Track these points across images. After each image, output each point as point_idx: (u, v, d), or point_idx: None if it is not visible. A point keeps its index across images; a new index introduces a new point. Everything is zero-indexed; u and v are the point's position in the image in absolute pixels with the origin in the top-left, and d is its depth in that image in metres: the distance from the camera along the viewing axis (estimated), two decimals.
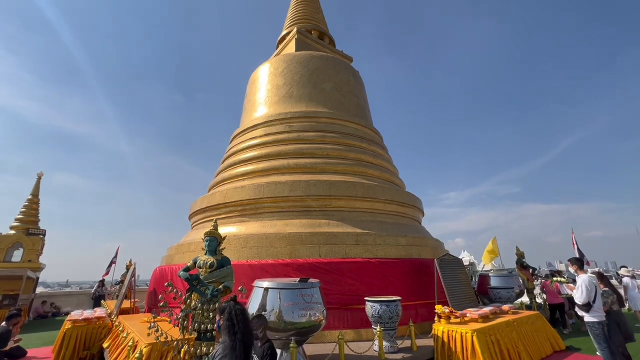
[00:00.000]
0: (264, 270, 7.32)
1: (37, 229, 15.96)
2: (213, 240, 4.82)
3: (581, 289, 5.32)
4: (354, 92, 13.21)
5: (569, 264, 5.77)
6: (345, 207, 9.12)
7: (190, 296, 4.50)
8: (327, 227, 8.40)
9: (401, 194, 10.37)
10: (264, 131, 11.29)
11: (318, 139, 10.69)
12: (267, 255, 7.76)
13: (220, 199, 9.62)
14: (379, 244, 8.23)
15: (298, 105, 11.82)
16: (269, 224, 8.67)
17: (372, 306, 5.97)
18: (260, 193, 9.02)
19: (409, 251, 8.55)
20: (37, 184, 16.99)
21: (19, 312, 8.53)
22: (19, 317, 8.32)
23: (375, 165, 10.96)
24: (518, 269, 11.95)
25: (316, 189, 8.93)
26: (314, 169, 9.82)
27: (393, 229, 9.06)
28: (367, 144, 11.48)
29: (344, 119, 11.67)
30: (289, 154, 10.24)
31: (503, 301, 9.07)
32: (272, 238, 8.03)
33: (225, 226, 9.26)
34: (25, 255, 15.05)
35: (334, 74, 12.84)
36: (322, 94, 12.16)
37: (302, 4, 17.44)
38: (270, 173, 9.91)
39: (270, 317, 4.82)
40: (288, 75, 12.56)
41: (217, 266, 4.62)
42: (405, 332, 6.24)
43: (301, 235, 7.99)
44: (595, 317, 5.24)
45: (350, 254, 7.83)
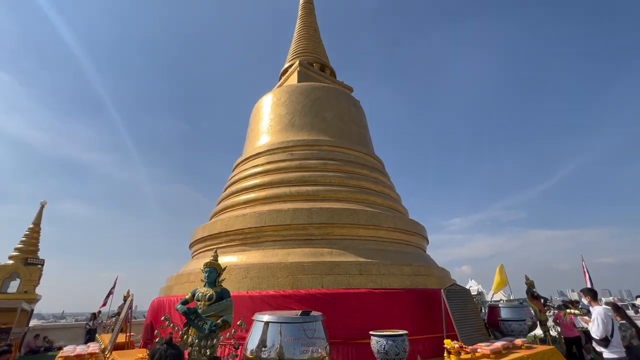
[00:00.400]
0: (265, 302, 7.08)
1: (36, 259, 15.76)
2: (212, 271, 4.70)
3: (597, 322, 5.07)
4: (355, 120, 13.48)
5: (582, 295, 5.54)
6: (348, 235, 8.98)
7: (188, 331, 4.31)
8: (329, 256, 8.22)
9: (405, 222, 10.25)
10: (266, 159, 11.41)
11: (320, 167, 10.76)
12: (269, 286, 7.55)
13: (221, 227, 9.53)
14: (383, 274, 8.00)
15: (300, 133, 12.03)
16: (271, 253, 8.51)
17: (377, 341, 5.68)
18: (261, 221, 8.94)
19: (414, 281, 8.29)
20: (40, 212, 17.01)
21: (9, 347, 8.22)
22: (9, 353, 8.00)
23: (377, 192, 10.92)
24: (529, 300, 11.46)
25: (318, 217, 8.85)
26: (316, 196, 9.79)
27: (397, 258, 8.85)
28: (369, 171, 11.53)
29: (345, 146, 11.81)
30: (291, 181, 10.27)
31: (515, 334, 8.62)
32: (274, 268, 7.84)
33: (226, 255, 9.10)
34: (22, 286, 14.74)
35: (335, 103, 13.18)
36: (323, 123, 12.41)
37: (304, 39, 18.29)
38: (272, 201, 9.89)
39: (270, 354, 4.59)
40: (290, 105, 12.90)
41: (216, 299, 4.47)
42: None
43: (303, 265, 7.81)
44: (614, 353, 4.95)
45: (353, 284, 7.60)
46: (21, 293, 14.46)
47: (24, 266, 15.18)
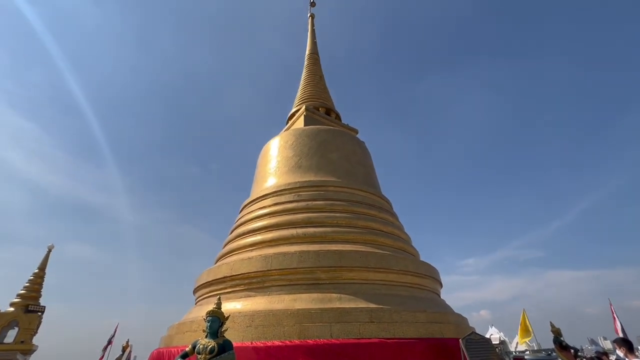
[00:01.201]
0: (271, 355, 6.63)
1: (37, 305, 15.32)
2: (215, 320, 4.47)
3: None
4: (361, 161, 13.66)
5: (616, 346, 5.05)
6: (357, 279, 8.63)
7: None
8: (338, 302, 7.82)
9: (416, 264, 9.86)
10: (273, 201, 11.43)
11: (327, 208, 10.69)
12: (274, 335, 7.11)
13: (226, 271, 9.28)
14: (396, 321, 7.52)
15: (307, 175, 12.16)
16: (277, 299, 8.15)
17: None
18: (268, 265, 8.70)
19: (429, 329, 7.74)
20: (47, 256, 16.89)
21: None
22: None
23: (386, 233, 10.68)
24: (557, 350, 10.52)
25: (326, 260, 8.59)
26: (323, 238, 9.60)
27: (410, 304, 8.37)
28: (377, 211, 11.40)
29: (352, 187, 11.83)
30: (298, 223, 10.16)
31: None
32: (280, 315, 7.45)
33: (230, 302, 8.73)
34: (19, 336, 14.16)
35: (340, 144, 13.48)
36: (329, 164, 12.58)
37: (310, 86, 19.28)
38: (279, 243, 9.70)
39: None
40: (297, 148, 13.22)
41: (218, 351, 4.20)
42: None
43: (310, 312, 7.41)
44: None
45: (364, 333, 7.12)
46: (17, 343, 13.86)
47: (24, 314, 14.73)
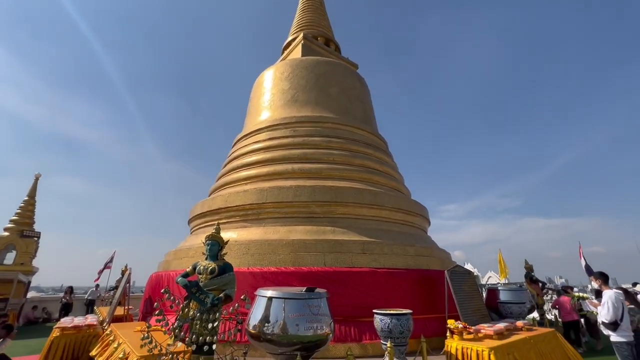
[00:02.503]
0: (266, 279, 6.95)
1: (32, 231, 15.57)
2: (215, 244, 4.48)
3: (607, 306, 4.97)
4: (360, 97, 13.03)
5: (592, 279, 5.43)
6: (351, 214, 8.79)
7: (189, 305, 4.13)
8: (332, 235, 8.05)
9: (408, 202, 10.06)
10: (268, 135, 11.05)
11: (324, 144, 10.43)
12: (270, 262, 7.40)
13: (221, 203, 9.29)
14: (386, 254, 7.87)
15: (303, 109, 11.61)
16: (272, 230, 8.33)
17: (381, 319, 5.58)
18: (263, 198, 8.70)
19: (417, 261, 8.19)
20: (35, 185, 16.68)
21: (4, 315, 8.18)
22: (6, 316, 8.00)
23: (381, 172, 10.67)
24: (527, 283, 11.52)
25: (321, 195, 8.62)
26: (319, 174, 9.53)
27: (400, 238, 8.71)
28: (373, 150, 11.23)
29: (350, 124, 11.45)
30: (294, 158, 9.97)
31: (514, 317, 8.63)
32: (275, 245, 7.68)
33: (226, 231, 8.90)
34: (18, 258, 14.63)
35: (340, 79, 12.69)
36: (328, 99, 11.97)
37: (308, 11, 17.45)
38: (274, 178, 9.62)
39: (273, 330, 4.46)
40: (294, 80, 12.40)
41: (219, 272, 4.27)
42: (415, 347, 5.83)
43: (305, 242, 7.64)
44: (623, 337, 4.87)
45: (356, 263, 7.47)
46: (17, 265, 14.37)
47: (20, 238, 15.01)
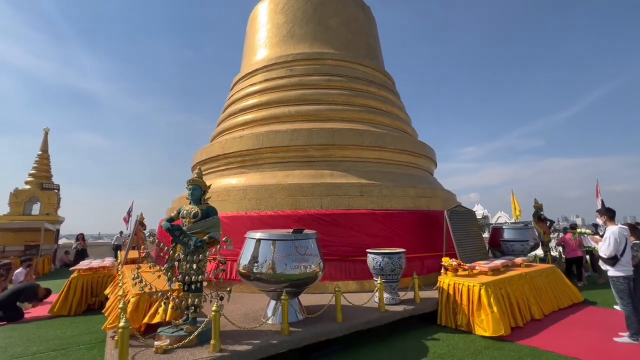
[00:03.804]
0: (264, 222, 7.05)
1: (51, 184, 16.31)
2: (196, 188, 4.39)
3: (609, 241, 4.75)
4: (364, 29, 11.81)
5: (597, 215, 5.15)
6: (350, 157, 8.51)
7: (176, 247, 4.21)
8: (330, 178, 7.90)
9: (412, 143, 9.61)
10: (263, 77, 10.39)
11: (323, 84, 9.76)
12: (267, 206, 7.44)
13: (219, 150, 9.16)
14: (385, 195, 7.73)
15: (300, 46, 10.68)
16: (269, 175, 8.24)
17: (373, 258, 5.64)
18: (259, 143, 8.47)
19: (417, 203, 8.05)
20: (45, 139, 17.02)
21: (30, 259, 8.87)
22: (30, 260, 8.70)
23: (384, 112, 10.06)
24: (535, 222, 11.38)
25: (319, 138, 8.28)
26: (317, 116, 9.07)
27: (402, 180, 8.49)
28: (377, 88, 10.46)
29: (351, 60, 10.53)
30: (291, 100, 9.44)
31: (516, 254, 8.66)
32: (272, 189, 7.64)
33: (225, 178, 8.93)
34: (43, 209, 15.59)
35: (341, 7, 11.39)
36: (327, 32, 10.90)
37: None
38: (270, 122, 9.25)
39: (262, 269, 4.57)
40: (290, 12, 11.23)
41: (202, 216, 4.25)
42: (409, 283, 5.97)
43: (302, 186, 7.55)
44: (621, 272, 4.73)
45: (353, 205, 7.40)
46: (43, 215, 15.35)
47: (41, 191, 15.81)
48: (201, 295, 4.08)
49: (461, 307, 5.44)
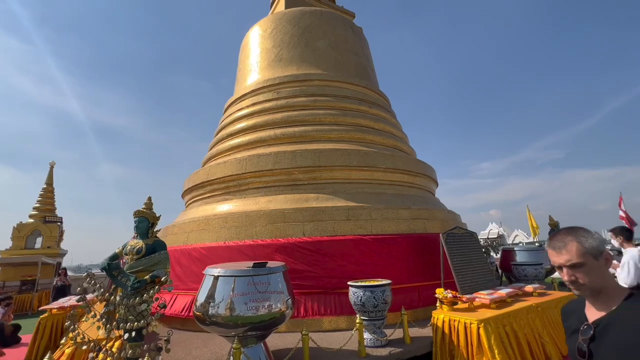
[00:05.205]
0: (242, 252, 6.54)
1: (54, 217, 16.44)
2: (143, 220, 3.98)
3: (627, 267, 3.99)
4: (354, 49, 11.66)
5: (612, 235, 4.39)
6: (338, 178, 8.01)
7: (116, 289, 3.74)
8: (315, 202, 7.39)
9: (407, 161, 9.04)
10: (251, 101, 10.25)
11: (310, 104, 9.48)
12: (247, 235, 6.94)
13: (203, 176, 8.86)
14: (375, 219, 7.12)
15: (288, 68, 10.57)
16: (252, 201, 7.80)
17: (354, 292, 4.98)
18: (242, 168, 8.12)
19: (411, 226, 7.37)
20: (50, 173, 17.37)
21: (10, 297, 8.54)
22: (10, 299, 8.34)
23: (376, 130, 9.62)
24: None
25: (304, 160, 7.86)
26: (303, 137, 8.71)
27: (394, 201, 7.87)
28: (368, 106, 10.10)
29: (340, 80, 10.29)
30: (277, 123, 9.17)
31: (529, 280, 7.73)
32: (253, 216, 7.17)
33: (208, 205, 8.56)
34: (45, 242, 15.61)
35: (329, 30, 11.34)
36: (315, 54, 10.78)
37: None
38: (256, 146, 8.95)
39: (219, 311, 4.01)
40: (277, 37, 11.25)
41: (146, 252, 3.81)
42: (399, 319, 5.23)
43: (284, 212, 7.06)
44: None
45: (339, 231, 6.81)
46: (44, 248, 15.33)
47: (43, 224, 15.91)
48: (141, 344, 3.54)
49: (459, 349, 4.64)
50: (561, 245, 1.34)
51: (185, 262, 7.00)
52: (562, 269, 1.34)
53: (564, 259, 1.32)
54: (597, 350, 1.26)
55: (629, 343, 1.17)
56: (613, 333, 1.23)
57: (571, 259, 1.30)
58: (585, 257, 1.29)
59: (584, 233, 1.35)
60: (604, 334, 1.26)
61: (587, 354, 1.28)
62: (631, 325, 1.20)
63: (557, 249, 1.36)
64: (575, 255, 1.29)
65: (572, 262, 1.29)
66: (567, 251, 1.32)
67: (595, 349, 1.27)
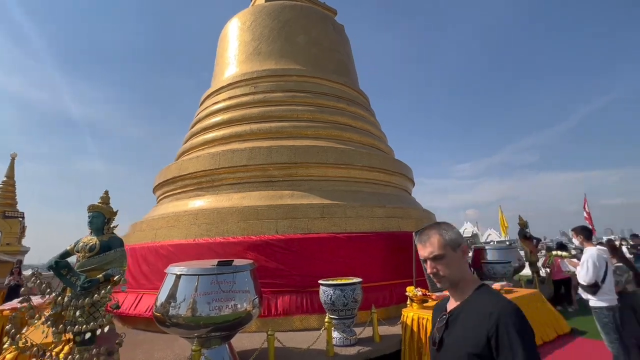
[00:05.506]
0: (212, 250, 6.32)
1: (15, 212, 15.43)
2: (98, 216, 3.72)
3: (587, 266, 4.11)
4: (334, 46, 11.58)
5: (573, 235, 4.52)
6: (314, 175, 7.91)
7: (66, 289, 3.48)
8: (289, 199, 7.26)
9: (384, 160, 9.07)
10: (227, 94, 9.97)
11: (287, 100, 9.32)
12: (218, 232, 6.73)
13: (175, 171, 8.53)
14: (350, 217, 7.08)
15: (266, 63, 10.35)
16: (225, 197, 7.58)
17: (324, 291, 4.90)
18: (216, 163, 7.87)
19: (386, 224, 7.39)
20: (12, 165, 16.29)
21: None
22: None
23: (354, 128, 9.59)
24: (521, 241, 10.75)
25: (279, 156, 7.71)
26: (279, 133, 8.54)
27: (370, 199, 7.87)
28: (346, 104, 10.05)
29: (318, 76, 10.18)
30: (253, 118, 8.95)
31: (498, 277, 7.93)
32: (225, 213, 6.96)
33: (180, 201, 8.25)
34: (4, 239, 14.62)
35: (309, 25, 11.19)
36: (294, 49, 10.61)
37: None
38: (231, 140, 8.70)
39: (180, 311, 3.82)
40: (256, 30, 10.99)
41: (100, 249, 3.56)
42: (369, 317, 5.21)
43: (257, 209, 6.89)
44: (603, 302, 4.05)
45: (313, 228, 6.72)
46: (3, 245, 14.36)
47: (2, 219, 14.90)
48: (90, 349, 3.31)
49: (426, 346, 4.66)
50: (426, 239, 1.40)
51: (152, 260, 6.69)
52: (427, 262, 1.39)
53: (427, 251, 1.37)
54: (448, 337, 1.34)
55: (469, 325, 1.26)
56: (460, 320, 1.32)
57: (434, 251, 1.35)
58: (445, 249, 1.34)
59: (445, 227, 1.41)
60: (454, 322, 1.34)
61: (439, 343, 1.36)
62: (474, 310, 1.28)
63: (422, 242, 1.41)
64: (436, 247, 1.35)
65: (434, 254, 1.35)
66: (430, 244, 1.37)
67: (447, 337, 1.35)
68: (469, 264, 9.35)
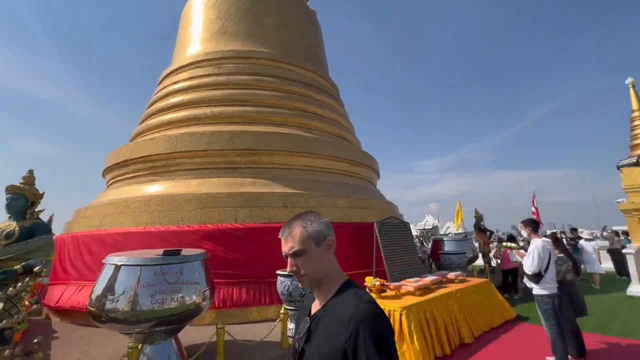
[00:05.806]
0: (164, 239, 5.91)
1: None
2: (18, 198, 3.24)
3: (532, 256, 4.31)
4: (305, 32, 11.23)
5: (522, 226, 4.73)
6: (277, 163, 7.66)
7: None
8: (251, 187, 6.97)
9: (349, 151, 9.01)
10: (189, 74, 9.32)
11: (252, 84, 8.90)
12: (171, 220, 6.30)
13: (127, 154, 7.86)
14: (313, 206, 6.95)
15: (232, 43, 9.79)
16: (183, 183, 7.12)
17: (281, 282, 4.76)
18: (172, 146, 7.34)
19: (348, 214, 7.36)
20: None
21: None
22: None
23: (322, 117, 9.41)
24: (476, 232, 11.28)
25: (241, 142, 7.35)
26: (243, 118, 8.16)
27: (333, 189, 7.79)
28: (315, 92, 9.82)
29: (287, 61, 9.82)
30: (216, 100, 8.45)
31: (453, 267, 8.28)
32: (180, 200, 6.53)
33: (131, 186, 7.64)
34: None
35: (280, 7, 10.72)
36: (263, 31, 10.13)
37: None
38: (190, 123, 8.17)
39: (118, 305, 3.47)
40: (222, 7, 10.34)
41: (21, 236, 3.11)
42: None
43: (215, 196, 6.54)
44: (545, 290, 4.29)
45: (275, 218, 6.51)
46: None
47: None
48: (3, 349, 2.90)
49: None
50: (288, 232, 1.20)
51: (96, 250, 6.13)
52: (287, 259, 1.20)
53: (288, 247, 1.18)
54: (308, 348, 1.14)
55: (329, 333, 1.08)
56: (321, 325, 1.13)
57: (293, 246, 1.16)
58: (306, 244, 1.16)
59: (312, 217, 1.22)
60: (316, 328, 1.15)
61: (299, 353, 1.17)
62: (334, 314, 1.10)
63: (284, 236, 1.21)
64: (297, 242, 1.16)
65: (294, 249, 1.16)
66: (292, 237, 1.18)
67: (307, 347, 1.15)
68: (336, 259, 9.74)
